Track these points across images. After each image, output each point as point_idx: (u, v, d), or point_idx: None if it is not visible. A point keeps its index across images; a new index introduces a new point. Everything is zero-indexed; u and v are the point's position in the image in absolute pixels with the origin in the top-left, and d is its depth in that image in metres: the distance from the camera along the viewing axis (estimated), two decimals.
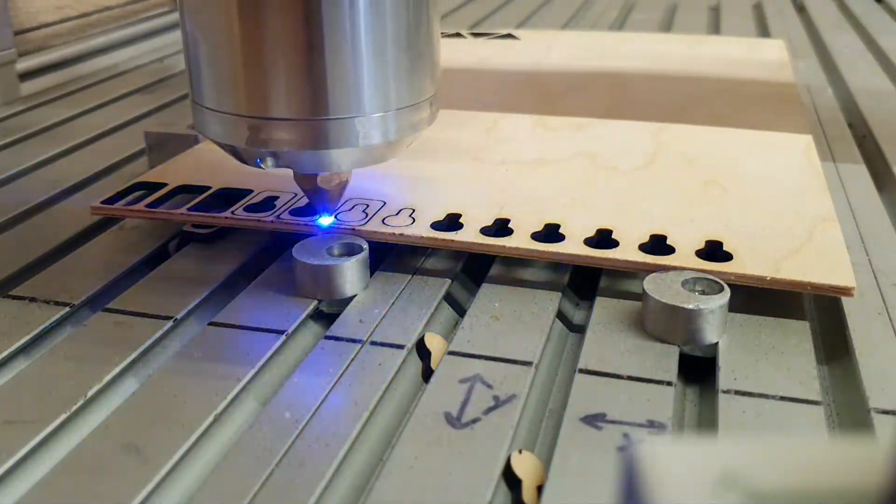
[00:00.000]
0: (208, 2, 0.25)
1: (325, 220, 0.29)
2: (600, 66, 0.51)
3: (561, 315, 0.27)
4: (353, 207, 0.30)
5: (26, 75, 0.53)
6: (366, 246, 0.27)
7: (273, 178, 0.32)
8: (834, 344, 0.26)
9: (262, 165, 0.26)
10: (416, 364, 0.25)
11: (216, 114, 0.26)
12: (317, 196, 0.28)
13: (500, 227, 0.28)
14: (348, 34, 0.24)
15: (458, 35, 0.59)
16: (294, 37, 0.24)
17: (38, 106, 0.50)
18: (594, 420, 0.21)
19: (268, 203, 0.31)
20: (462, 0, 0.85)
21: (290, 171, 0.28)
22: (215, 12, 0.25)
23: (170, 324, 0.26)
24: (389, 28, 0.25)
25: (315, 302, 0.27)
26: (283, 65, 0.24)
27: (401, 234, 0.28)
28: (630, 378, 0.23)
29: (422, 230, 0.28)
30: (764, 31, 0.71)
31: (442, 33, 0.31)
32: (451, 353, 0.24)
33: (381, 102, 0.26)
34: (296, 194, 0.31)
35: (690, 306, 0.24)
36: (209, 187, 0.32)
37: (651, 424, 0.21)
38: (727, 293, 0.24)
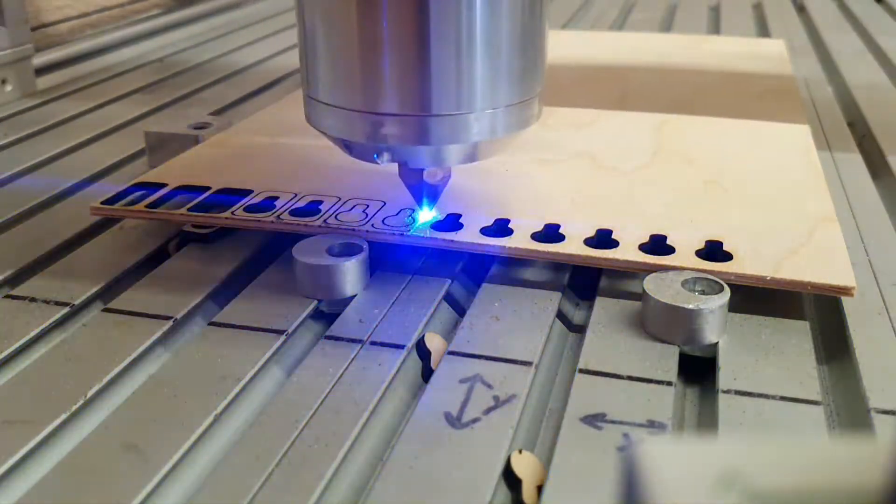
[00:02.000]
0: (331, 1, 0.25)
1: (427, 214, 0.29)
2: (601, 62, 0.51)
3: (561, 315, 0.27)
4: (353, 208, 0.30)
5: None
6: (366, 246, 0.27)
7: (273, 179, 0.32)
8: (834, 344, 0.26)
9: (377, 161, 0.27)
10: (416, 364, 0.25)
11: (333, 109, 0.26)
12: (420, 190, 0.28)
13: (500, 227, 0.28)
14: (462, 32, 0.25)
15: None
16: (414, 36, 0.24)
17: (37, 106, 0.50)
18: (594, 420, 0.21)
19: (268, 203, 0.31)
20: None
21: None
22: (335, 8, 0.25)
23: (170, 324, 0.26)
24: (504, 26, 0.25)
25: (315, 302, 0.27)
26: (401, 62, 0.25)
27: (401, 235, 0.28)
28: (630, 378, 0.23)
29: (422, 230, 0.28)
30: (764, 31, 0.71)
31: None
32: (451, 353, 0.24)
33: (491, 99, 0.26)
34: (296, 194, 0.31)
35: (690, 306, 0.24)
36: (209, 187, 0.32)
37: (651, 424, 0.21)
38: (727, 293, 0.24)
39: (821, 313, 0.27)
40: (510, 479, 0.20)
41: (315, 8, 0.26)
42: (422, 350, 0.25)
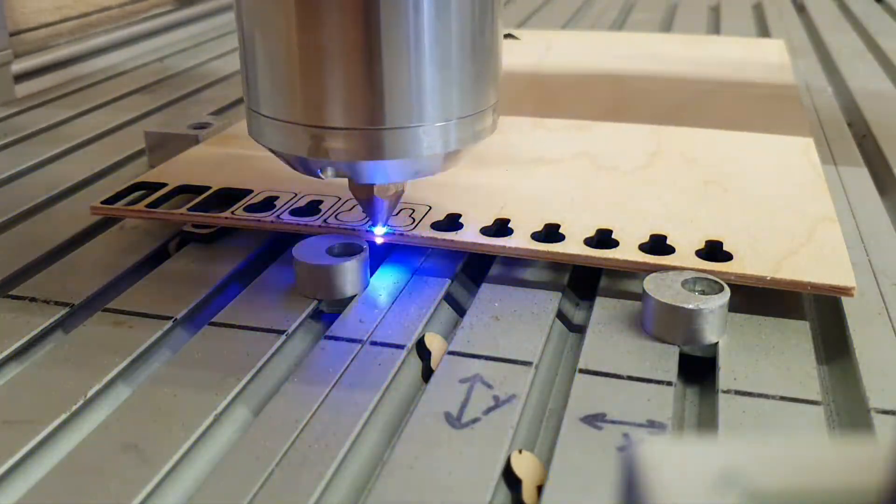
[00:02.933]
0: (268, 8, 0.24)
1: (379, 230, 0.28)
2: (600, 67, 0.51)
3: (561, 315, 0.27)
4: (353, 207, 0.30)
5: (23, 76, 0.53)
6: (366, 246, 0.27)
7: (273, 178, 0.32)
8: (834, 344, 0.26)
9: (321, 175, 0.26)
10: (416, 364, 0.25)
11: (275, 122, 0.25)
12: (372, 206, 0.27)
13: (500, 227, 0.28)
14: (411, 42, 0.23)
15: None
16: (355, 45, 0.23)
17: (37, 106, 0.50)
18: (594, 420, 0.21)
19: (268, 203, 0.31)
20: None
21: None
22: (274, 18, 0.24)
23: (170, 324, 0.26)
24: (454, 35, 0.24)
25: (315, 302, 0.27)
26: (343, 73, 0.24)
27: (401, 234, 0.28)
28: (630, 378, 0.23)
29: (422, 230, 0.28)
30: (764, 31, 0.71)
31: None
32: (451, 353, 0.24)
33: (442, 111, 0.25)
34: (296, 194, 0.31)
35: (690, 306, 0.24)
36: (209, 187, 0.32)
37: (651, 424, 0.21)
38: (727, 293, 0.24)
39: (821, 313, 0.27)
40: (510, 479, 0.20)
41: (254, 15, 0.25)
42: (422, 350, 0.25)
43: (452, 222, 0.29)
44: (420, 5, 0.23)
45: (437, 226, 0.29)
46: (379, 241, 0.28)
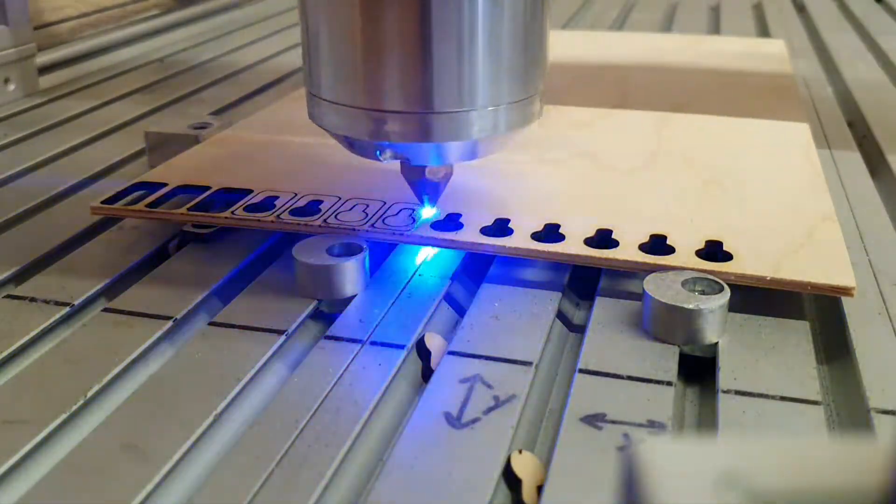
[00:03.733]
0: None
1: (429, 212, 0.29)
2: (600, 66, 0.51)
3: (561, 315, 0.27)
4: (352, 207, 0.30)
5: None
6: (366, 246, 0.27)
7: (273, 178, 0.32)
8: (834, 344, 0.26)
9: (380, 158, 0.27)
10: (416, 364, 0.25)
11: (335, 106, 0.26)
12: (422, 187, 0.28)
13: (500, 227, 0.28)
14: (465, 30, 0.25)
15: None
16: (413, 33, 0.25)
17: (37, 106, 0.50)
18: (594, 420, 0.21)
19: (268, 203, 0.31)
20: None
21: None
22: (338, 7, 0.25)
23: (170, 324, 0.26)
24: (506, 24, 0.25)
25: (315, 302, 0.27)
26: (403, 59, 0.25)
27: (401, 235, 0.28)
28: (630, 378, 0.23)
29: (423, 230, 0.28)
30: (764, 31, 0.71)
31: None
32: (451, 353, 0.24)
33: (493, 96, 0.26)
34: (296, 194, 0.31)
35: (690, 306, 0.24)
36: (209, 187, 0.32)
37: (651, 424, 0.21)
38: (727, 293, 0.24)
39: (821, 313, 0.27)
40: (510, 479, 0.20)
41: (318, 5, 0.26)
42: (422, 350, 0.25)
43: (452, 222, 0.29)
44: None
45: (437, 226, 0.29)
46: (425, 222, 0.29)
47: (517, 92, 0.26)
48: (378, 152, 0.27)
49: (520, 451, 0.21)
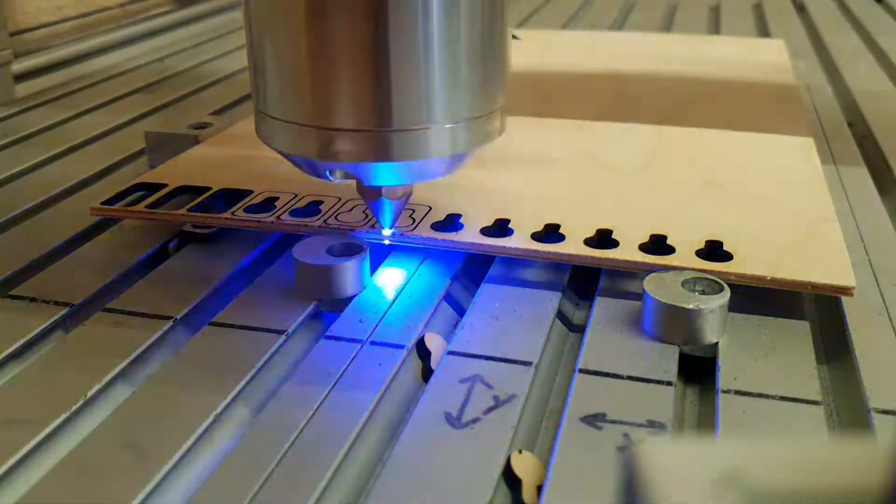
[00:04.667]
0: (276, 9, 0.24)
1: (387, 232, 0.28)
2: (600, 67, 0.51)
3: (561, 315, 0.27)
4: (353, 207, 0.30)
5: (23, 76, 0.53)
6: (366, 246, 0.27)
7: (273, 179, 0.32)
8: (834, 344, 0.26)
9: (330, 178, 0.26)
10: (416, 364, 0.25)
11: (284, 124, 0.25)
12: (380, 207, 0.27)
13: (500, 227, 0.28)
14: (420, 42, 0.23)
15: None
16: (363, 47, 0.23)
17: (37, 106, 0.50)
18: (594, 420, 0.21)
19: (268, 203, 0.31)
20: None
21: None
22: (283, 20, 0.24)
23: (170, 324, 0.26)
24: (462, 37, 0.24)
25: (315, 302, 0.27)
26: (352, 75, 0.23)
27: (401, 235, 0.28)
28: (630, 378, 0.23)
29: (422, 230, 0.28)
30: (764, 31, 0.71)
31: None
32: (451, 353, 0.24)
33: (451, 113, 0.24)
34: (296, 194, 0.31)
35: (690, 306, 0.24)
36: (209, 188, 0.32)
37: (651, 424, 0.21)
38: (727, 293, 0.24)
39: (821, 313, 0.27)
40: (510, 479, 0.20)
41: (263, 18, 0.24)
42: (422, 350, 0.25)
43: (452, 222, 0.29)
44: (429, 8, 0.23)
45: (437, 226, 0.29)
46: (386, 242, 0.28)
47: (476, 108, 0.25)
48: (328, 172, 0.25)
49: (520, 451, 0.21)
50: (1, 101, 0.50)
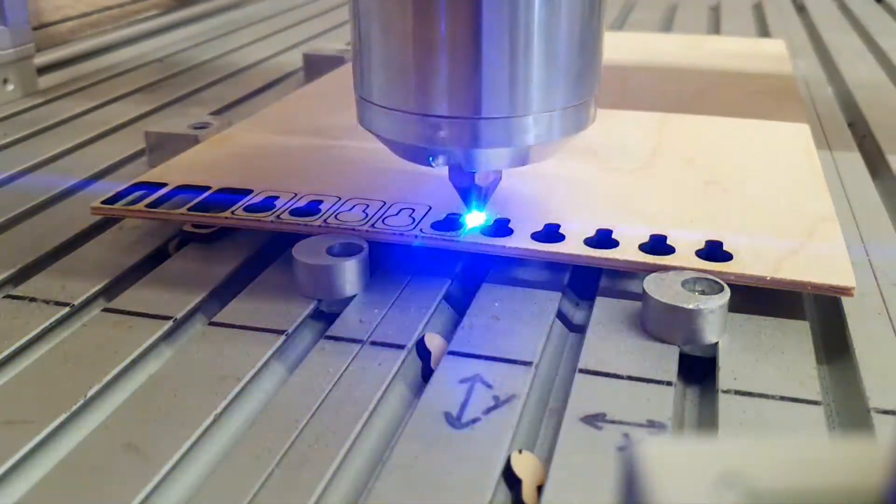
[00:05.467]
0: (387, 2, 0.25)
1: (477, 217, 0.29)
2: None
3: (561, 315, 0.27)
4: (353, 207, 0.30)
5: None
6: (366, 246, 0.27)
7: (273, 178, 0.32)
8: (834, 344, 0.26)
9: (432, 164, 0.26)
10: (416, 364, 0.25)
11: (389, 111, 0.26)
12: (470, 193, 0.28)
13: (501, 227, 0.28)
14: (520, 36, 0.24)
15: None
16: (467, 38, 0.24)
17: (37, 106, 0.50)
18: (594, 420, 0.21)
19: (268, 203, 0.31)
20: None
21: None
22: (391, 11, 0.25)
23: (170, 324, 0.26)
24: (561, 28, 0.25)
25: (315, 302, 0.27)
26: (458, 65, 0.24)
27: (401, 235, 0.28)
28: (630, 378, 0.23)
29: (423, 230, 0.28)
30: (764, 31, 0.71)
31: None
32: (451, 353, 0.24)
33: (549, 101, 0.25)
34: (296, 194, 0.31)
35: (690, 306, 0.24)
36: (209, 187, 0.32)
37: (651, 424, 0.21)
38: (727, 293, 0.24)
39: (821, 313, 0.27)
40: (510, 479, 0.20)
41: (371, 10, 0.26)
42: (422, 350, 0.25)
43: (453, 223, 0.29)
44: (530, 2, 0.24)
45: (437, 225, 0.29)
46: (474, 226, 0.28)
47: (572, 97, 0.26)
48: (431, 158, 0.26)
49: (520, 451, 0.21)
50: (4, 101, 0.50)
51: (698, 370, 0.24)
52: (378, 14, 0.25)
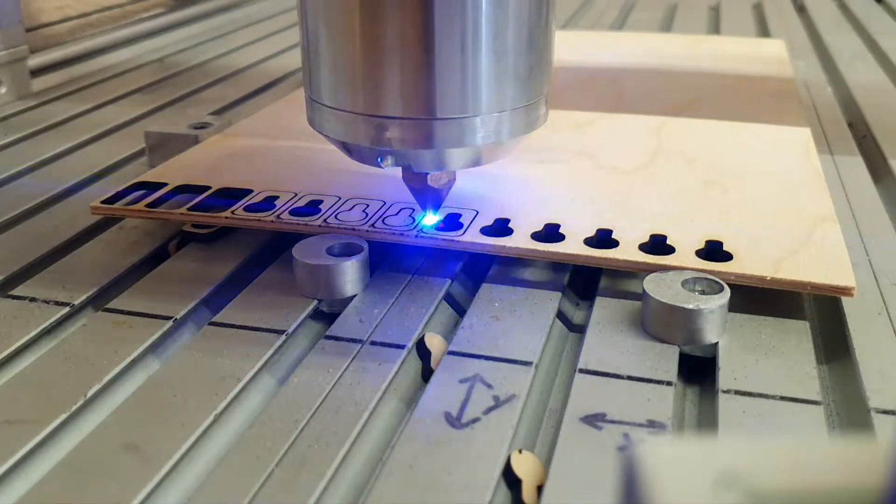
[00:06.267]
0: (331, 1, 0.25)
1: (431, 219, 0.29)
2: (601, 66, 0.51)
3: (561, 315, 0.27)
4: (352, 207, 0.30)
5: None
6: (366, 246, 0.27)
7: (273, 178, 0.32)
8: (834, 344, 0.26)
9: (381, 164, 0.27)
10: (416, 364, 0.25)
11: (337, 112, 0.26)
12: (424, 194, 0.28)
13: (500, 227, 0.28)
14: (468, 35, 0.24)
15: None
16: (414, 37, 0.24)
17: (37, 106, 0.50)
18: (594, 420, 0.21)
19: (268, 203, 0.31)
20: None
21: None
22: (338, 10, 0.25)
23: (170, 324, 0.26)
24: (510, 27, 0.25)
25: (315, 302, 0.27)
26: (403, 64, 0.24)
27: (401, 235, 0.28)
28: (630, 378, 0.23)
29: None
30: (764, 31, 0.71)
31: None
32: (451, 353, 0.24)
33: (498, 102, 0.25)
34: (296, 194, 0.31)
35: (690, 306, 0.24)
36: (209, 187, 0.32)
37: (651, 424, 0.21)
38: (727, 293, 0.24)
39: (821, 313, 0.27)
40: (510, 479, 0.20)
41: (317, 9, 0.26)
42: (422, 350, 0.25)
43: (453, 222, 0.29)
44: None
45: (438, 226, 0.29)
46: (428, 229, 0.28)
47: (522, 97, 0.26)
48: (379, 158, 0.27)
49: (520, 451, 0.21)
50: (1, 101, 0.50)
51: (698, 370, 0.24)
52: (324, 13, 0.25)
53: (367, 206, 0.30)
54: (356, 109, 0.26)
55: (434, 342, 0.25)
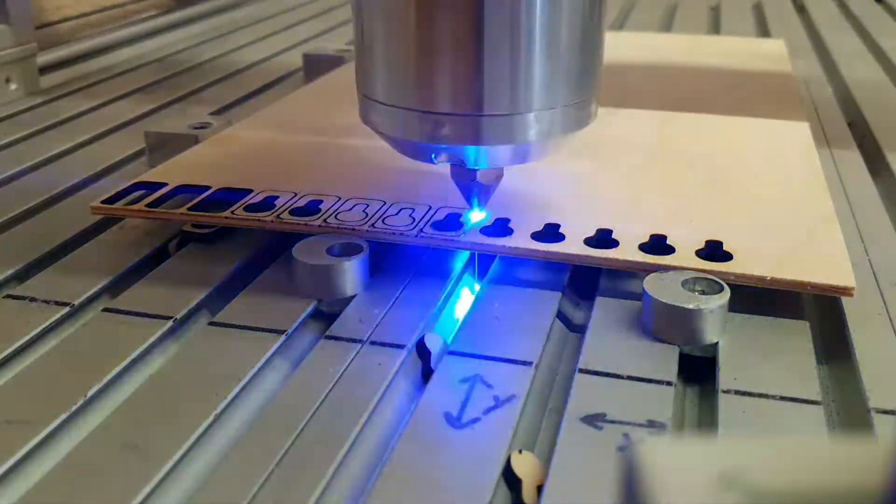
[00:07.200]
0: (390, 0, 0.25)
1: (478, 215, 0.29)
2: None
3: (561, 315, 0.27)
4: (352, 207, 0.30)
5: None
6: (366, 246, 0.27)
7: (273, 178, 0.32)
8: (834, 344, 0.26)
9: (434, 161, 0.27)
10: (416, 364, 0.25)
11: (391, 108, 0.26)
12: (472, 190, 0.28)
13: (501, 227, 0.28)
14: (522, 33, 0.24)
15: None
16: (469, 36, 0.24)
17: (37, 106, 0.50)
18: (594, 420, 0.21)
19: (268, 203, 0.31)
20: None
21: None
22: (395, 11, 0.25)
23: (170, 324, 0.26)
24: (563, 26, 0.25)
25: (315, 302, 0.27)
26: (461, 62, 0.25)
27: (401, 234, 0.28)
28: (630, 378, 0.23)
29: (424, 230, 0.28)
30: (764, 31, 0.71)
31: None
32: (451, 353, 0.24)
33: (550, 99, 0.26)
34: (296, 194, 0.31)
35: (690, 306, 0.24)
36: (209, 187, 0.32)
37: (651, 424, 0.21)
38: (727, 293, 0.24)
39: (821, 313, 0.27)
40: (510, 479, 0.20)
41: (373, 7, 0.26)
42: (422, 350, 0.25)
43: (453, 222, 0.29)
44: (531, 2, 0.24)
45: (437, 225, 0.29)
46: (475, 223, 0.29)
47: (574, 94, 0.26)
48: (433, 155, 0.27)
49: (520, 451, 0.21)
50: (6, 100, 0.50)
51: (698, 370, 0.24)
52: (380, 11, 0.25)
53: (367, 206, 0.30)
54: (410, 105, 0.26)
55: (434, 342, 0.25)
